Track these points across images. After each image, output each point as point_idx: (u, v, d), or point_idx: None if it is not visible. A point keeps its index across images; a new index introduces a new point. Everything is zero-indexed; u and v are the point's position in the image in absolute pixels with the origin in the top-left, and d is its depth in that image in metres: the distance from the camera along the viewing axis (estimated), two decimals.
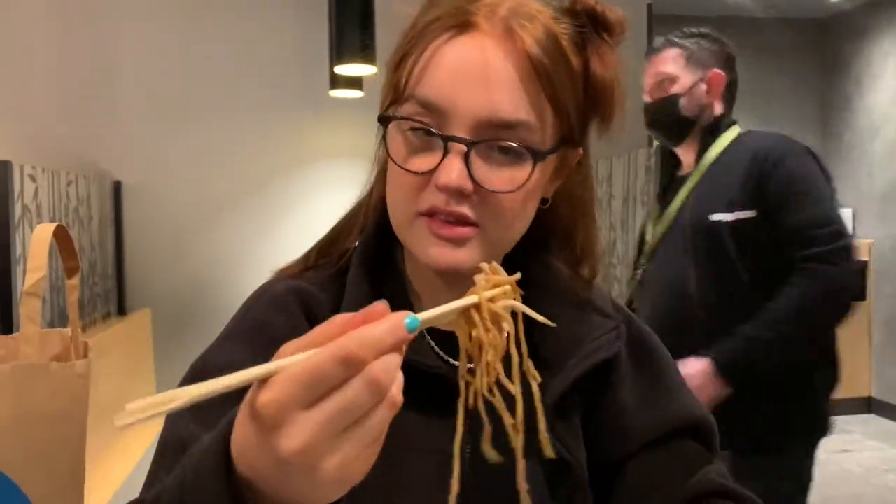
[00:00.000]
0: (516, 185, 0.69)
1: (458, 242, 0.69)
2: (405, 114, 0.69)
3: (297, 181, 3.73)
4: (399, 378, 0.43)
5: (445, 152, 0.67)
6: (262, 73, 3.65)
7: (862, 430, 4.49)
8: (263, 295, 0.77)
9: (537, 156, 0.69)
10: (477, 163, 0.68)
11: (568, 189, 0.79)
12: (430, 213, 0.69)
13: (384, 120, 0.72)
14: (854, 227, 4.96)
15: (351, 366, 0.40)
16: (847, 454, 4.10)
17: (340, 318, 0.42)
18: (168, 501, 0.48)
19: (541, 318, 0.59)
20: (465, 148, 0.67)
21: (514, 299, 0.57)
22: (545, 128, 0.70)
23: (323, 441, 0.41)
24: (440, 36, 0.68)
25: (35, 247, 0.54)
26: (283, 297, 0.75)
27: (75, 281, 0.58)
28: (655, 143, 2.76)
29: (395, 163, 0.70)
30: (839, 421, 4.53)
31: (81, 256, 2.94)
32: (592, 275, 0.82)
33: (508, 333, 0.56)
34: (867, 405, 4.82)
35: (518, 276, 0.57)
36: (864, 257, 4.79)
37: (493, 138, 0.68)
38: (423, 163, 0.69)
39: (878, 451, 4.14)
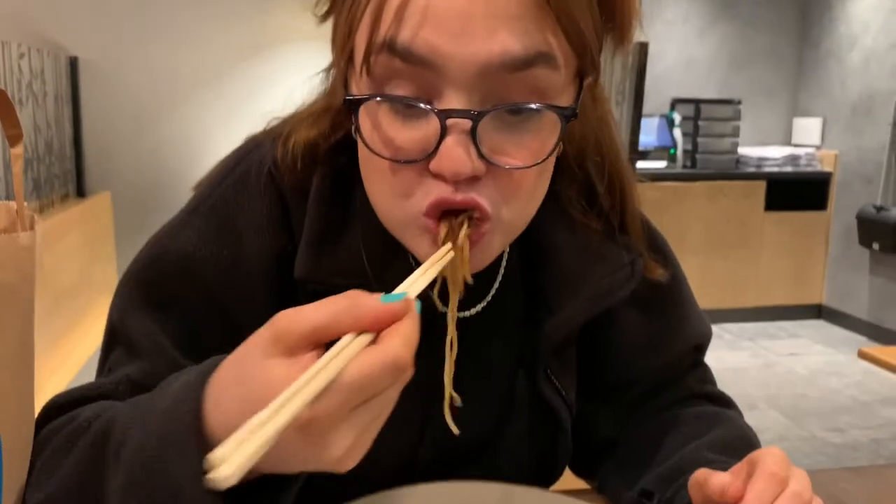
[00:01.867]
0: (543, 155, 0.56)
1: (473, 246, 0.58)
2: (379, 74, 0.54)
3: (263, 62, 3.60)
4: None
5: (444, 131, 0.53)
6: None
7: (811, 336, 4.66)
8: (237, 168, 0.69)
9: (566, 115, 0.55)
10: (486, 134, 0.54)
11: (582, 123, 0.67)
12: (435, 209, 0.56)
13: (354, 104, 0.56)
14: (822, 137, 4.99)
15: (401, 371, 0.42)
16: (794, 357, 4.27)
17: (366, 302, 0.43)
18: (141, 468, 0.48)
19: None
20: (469, 123, 0.53)
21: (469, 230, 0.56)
22: (567, 66, 0.55)
23: (365, 439, 0.43)
24: None
25: None
26: (256, 181, 0.67)
27: (19, 150, 0.55)
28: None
29: (375, 152, 0.56)
30: (790, 326, 4.72)
31: (37, 135, 2.83)
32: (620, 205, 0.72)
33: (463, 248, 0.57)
34: (818, 311, 4.98)
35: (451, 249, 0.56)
36: (829, 168, 4.84)
37: (502, 100, 0.54)
38: (412, 142, 0.55)
39: (824, 356, 4.31)
